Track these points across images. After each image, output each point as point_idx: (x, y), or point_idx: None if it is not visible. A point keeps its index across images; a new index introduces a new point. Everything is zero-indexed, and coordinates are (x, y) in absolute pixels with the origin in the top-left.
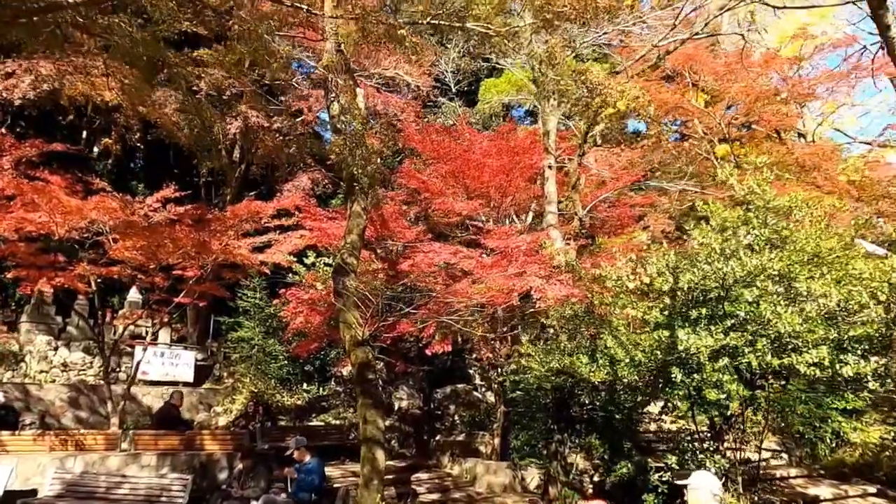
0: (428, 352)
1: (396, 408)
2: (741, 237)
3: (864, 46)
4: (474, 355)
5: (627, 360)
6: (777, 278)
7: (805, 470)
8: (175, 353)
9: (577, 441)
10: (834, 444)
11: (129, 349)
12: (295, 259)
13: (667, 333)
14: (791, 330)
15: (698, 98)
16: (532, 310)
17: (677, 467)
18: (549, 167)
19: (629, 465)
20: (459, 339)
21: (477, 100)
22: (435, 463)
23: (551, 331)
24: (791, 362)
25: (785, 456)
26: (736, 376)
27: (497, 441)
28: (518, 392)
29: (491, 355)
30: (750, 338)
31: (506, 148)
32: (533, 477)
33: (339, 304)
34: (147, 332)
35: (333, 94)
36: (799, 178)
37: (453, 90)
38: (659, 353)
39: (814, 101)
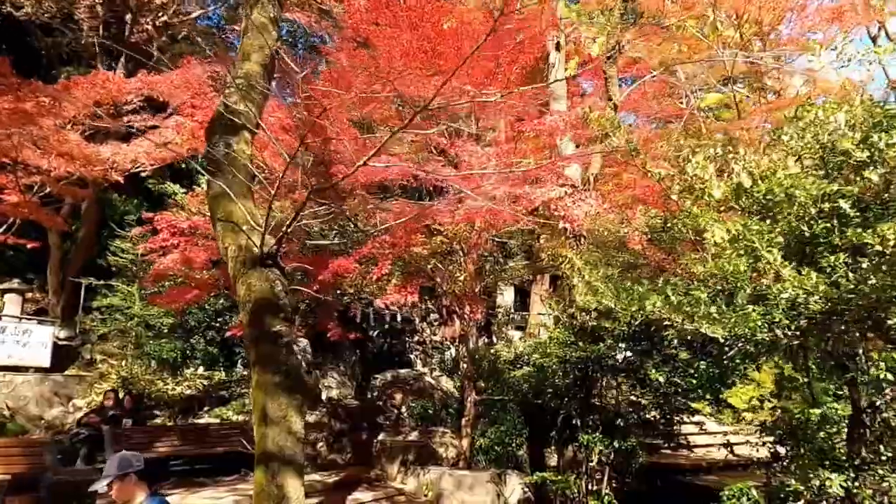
0: (380, 303)
1: (325, 398)
2: None
3: None
4: (416, 337)
5: (798, 295)
6: None
7: None
8: (24, 328)
9: (609, 444)
10: None
11: None
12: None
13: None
14: None
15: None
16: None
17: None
18: (557, 47)
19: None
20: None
21: None
22: (379, 474)
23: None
24: None
25: None
26: None
27: (466, 442)
28: (525, 369)
29: (460, 323)
30: None
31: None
32: (513, 490)
33: (219, 182)
34: None
35: None
36: None
37: None
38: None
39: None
